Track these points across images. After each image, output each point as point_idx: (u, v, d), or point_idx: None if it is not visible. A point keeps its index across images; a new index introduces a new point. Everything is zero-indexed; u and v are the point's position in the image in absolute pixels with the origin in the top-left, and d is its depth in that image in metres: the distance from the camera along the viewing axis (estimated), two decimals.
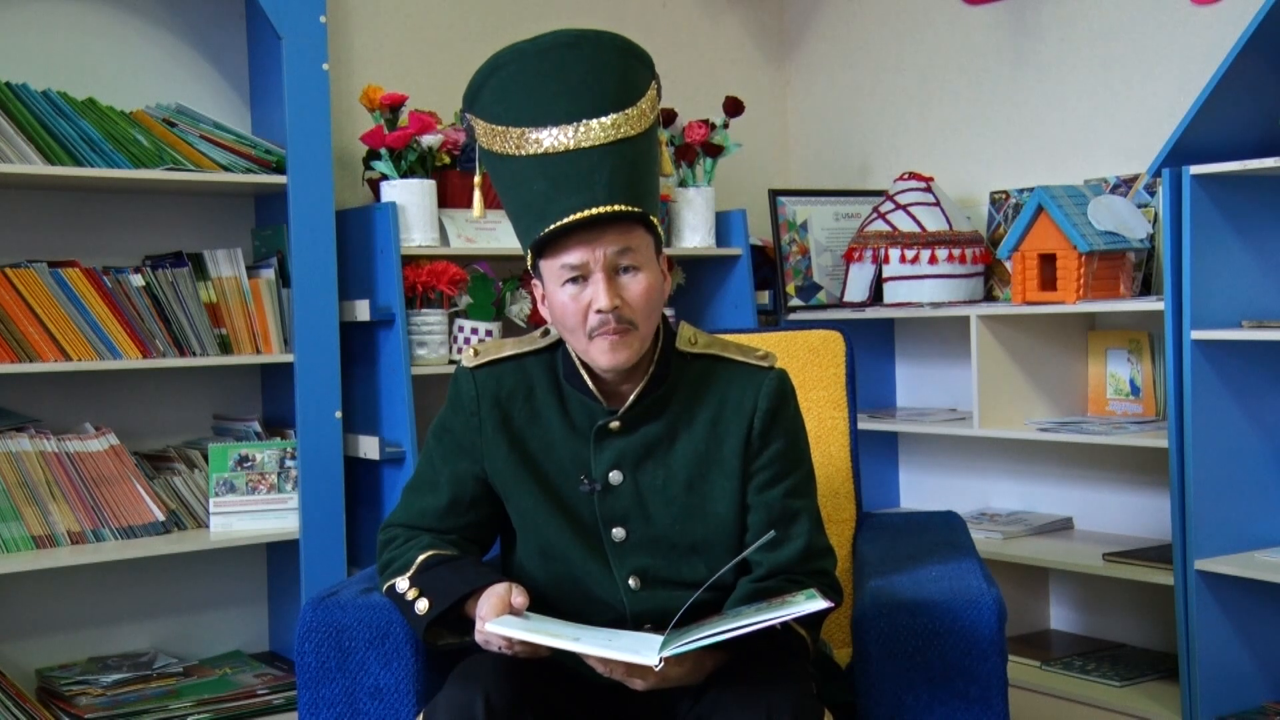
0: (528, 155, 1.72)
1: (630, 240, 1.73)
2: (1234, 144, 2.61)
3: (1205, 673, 2.61)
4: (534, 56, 1.73)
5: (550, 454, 1.84)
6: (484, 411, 1.85)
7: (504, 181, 1.80)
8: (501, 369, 1.87)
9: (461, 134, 3.12)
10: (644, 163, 1.77)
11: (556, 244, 1.73)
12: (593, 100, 1.71)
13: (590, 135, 1.71)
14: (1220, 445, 2.64)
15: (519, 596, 1.70)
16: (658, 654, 1.56)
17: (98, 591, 2.95)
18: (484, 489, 1.87)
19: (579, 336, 1.76)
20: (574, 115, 1.70)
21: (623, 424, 1.82)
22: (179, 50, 3.06)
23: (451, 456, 1.87)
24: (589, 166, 1.70)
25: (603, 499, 1.82)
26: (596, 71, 1.73)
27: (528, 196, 1.74)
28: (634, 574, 1.81)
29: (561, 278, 1.74)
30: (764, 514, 1.82)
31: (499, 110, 1.75)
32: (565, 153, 1.71)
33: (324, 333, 2.93)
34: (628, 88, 1.75)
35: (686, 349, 1.86)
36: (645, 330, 1.77)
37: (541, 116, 1.71)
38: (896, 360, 3.76)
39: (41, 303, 2.70)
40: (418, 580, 1.78)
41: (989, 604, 1.81)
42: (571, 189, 1.70)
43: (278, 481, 2.92)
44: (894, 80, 3.75)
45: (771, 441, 1.83)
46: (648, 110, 1.77)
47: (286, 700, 2.84)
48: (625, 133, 1.72)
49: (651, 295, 1.75)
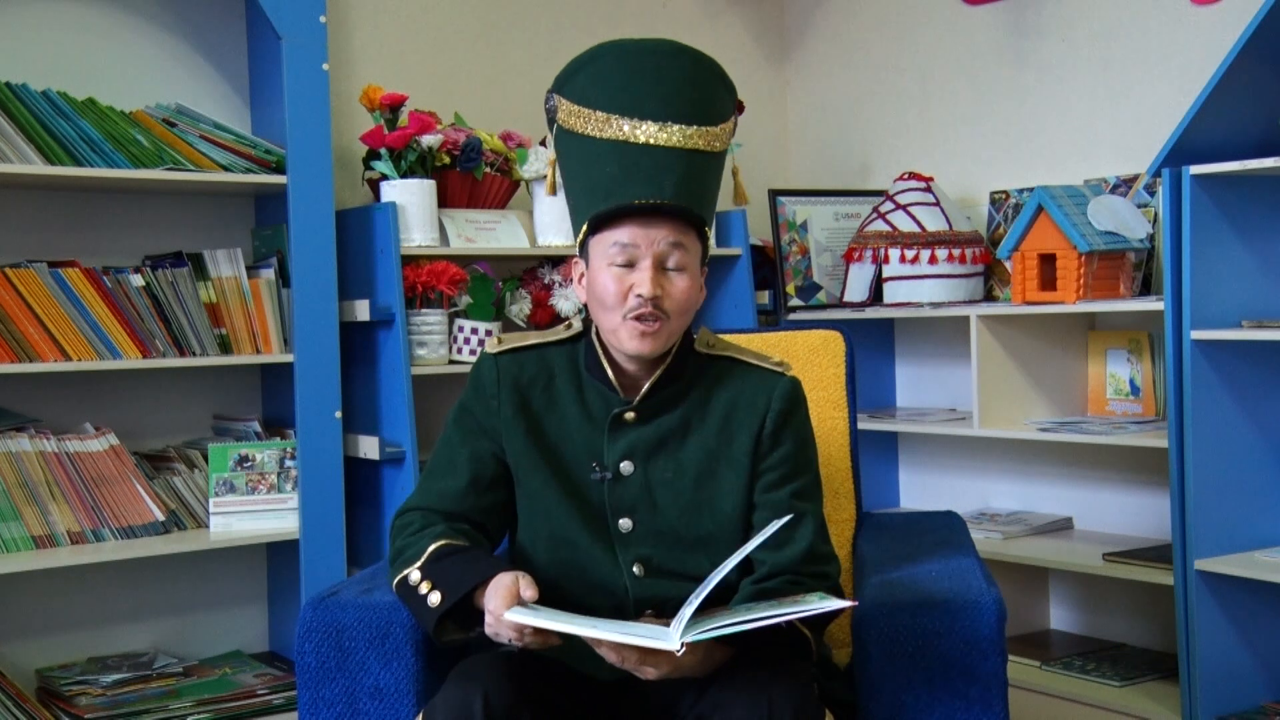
0: (607, 139, 1.81)
1: (684, 239, 1.81)
2: (1234, 144, 2.61)
3: (1205, 673, 2.61)
4: (636, 54, 1.83)
5: (565, 440, 1.87)
6: (503, 395, 1.89)
7: (575, 160, 1.87)
8: (523, 356, 1.92)
9: (461, 134, 3.12)
10: (710, 180, 1.88)
11: (614, 222, 1.80)
12: (682, 107, 1.81)
13: (672, 137, 1.80)
14: (1220, 445, 2.64)
15: (528, 590, 1.70)
16: (679, 640, 1.57)
17: (98, 591, 2.95)
18: (503, 470, 1.89)
19: (613, 316, 1.80)
20: (662, 115, 1.80)
21: (638, 415, 1.86)
22: (179, 50, 3.06)
23: (471, 437, 1.90)
24: (662, 164, 1.80)
25: (613, 488, 1.85)
26: (691, 84, 1.83)
27: (597, 176, 1.82)
28: (638, 561, 1.83)
29: (611, 258, 1.80)
30: (769, 514, 1.83)
31: (592, 94, 1.83)
32: (645, 145, 1.80)
33: (324, 333, 2.93)
34: (714, 108, 1.85)
35: (704, 350, 1.92)
36: (675, 327, 1.83)
37: (632, 108, 1.80)
38: (896, 360, 3.76)
39: (41, 303, 2.70)
40: (429, 571, 1.78)
41: (989, 604, 1.81)
42: (642, 178, 1.79)
43: (278, 481, 2.92)
44: (894, 80, 3.75)
45: (781, 443, 1.87)
46: (725, 135, 1.87)
47: (286, 700, 2.84)
48: (702, 145, 1.83)
49: (690, 296, 1.83)
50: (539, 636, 1.68)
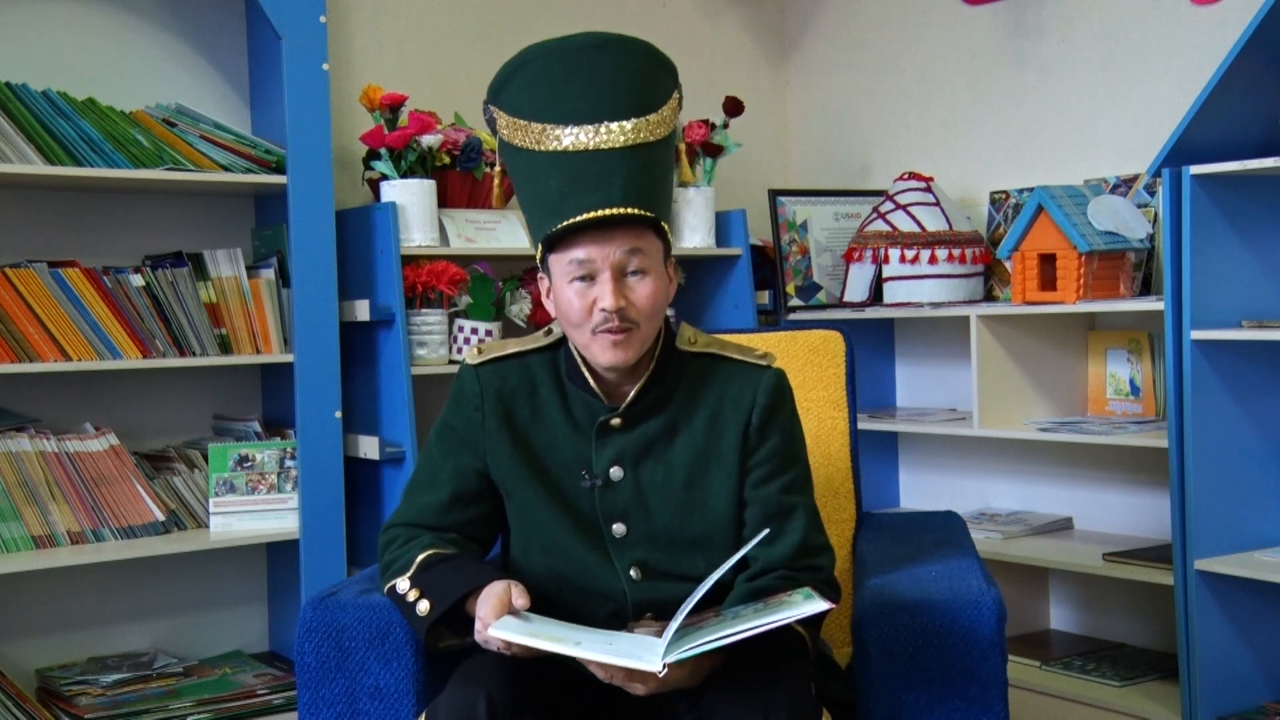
0: (547, 151, 1.75)
1: (640, 243, 1.76)
2: (1234, 144, 2.61)
3: (1205, 673, 2.61)
4: (561, 55, 1.77)
5: (552, 450, 1.86)
6: (487, 407, 1.87)
7: (521, 175, 1.82)
8: (505, 366, 1.89)
9: (461, 134, 3.12)
10: (660, 169, 1.80)
11: (568, 240, 1.75)
12: (615, 103, 1.75)
13: (610, 138, 1.74)
14: (1220, 445, 2.64)
15: (520, 597, 1.70)
16: (661, 660, 1.55)
17: (98, 591, 2.95)
18: (486, 484, 1.88)
19: (582, 332, 1.78)
20: (596, 116, 1.74)
21: (624, 420, 1.84)
22: (179, 50, 3.06)
23: (453, 452, 1.89)
24: (606, 168, 1.73)
25: (604, 494, 1.84)
26: (622, 75, 1.76)
27: (543, 191, 1.77)
28: (635, 565, 1.83)
29: (570, 274, 1.76)
30: (760, 509, 1.83)
31: (523, 105, 1.78)
32: (584, 152, 1.74)
33: (324, 333, 2.93)
34: (651, 94, 1.78)
35: (686, 348, 1.89)
36: (647, 332, 1.79)
37: (564, 115, 1.74)
38: (896, 360, 3.76)
39: (41, 303, 2.70)
40: (418, 580, 1.78)
41: (989, 604, 1.81)
42: (587, 188, 1.73)
43: (278, 481, 2.92)
44: (894, 80, 3.75)
45: (769, 437, 1.85)
46: (669, 117, 1.81)
47: (286, 700, 2.84)
48: (644, 138, 1.76)
49: (656, 299, 1.78)
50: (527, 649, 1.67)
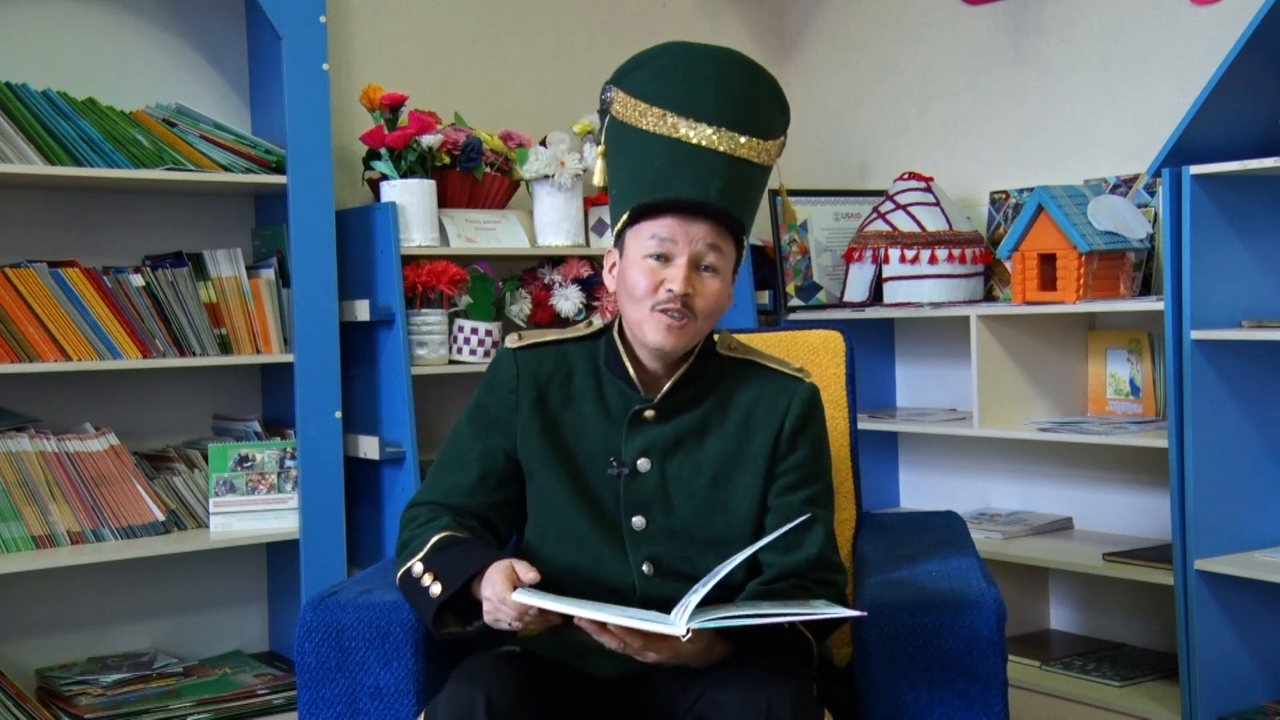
0: (660, 134, 1.82)
1: (721, 242, 1.82)
2: (1234, 144, 2.61)
3: (1205, 673, 2.61)
4: (700, 57, 1.86)
5: (581, 437, 1.87)
6: (521, 390, 1.89)
7: (625, 153, 1.88)
8: (543, 352, 1.92)
9: (461, 134, 3.12)
10: (753, 190, 1.90)
11: (655, 214, 1.80)
12: (738, 115, 1.83)
13: (724, 142, 1.82)
14: (1220, 445, 2.64)
15: (527, 571, 1.70)
16: (685, 625, 1.57)
17: (98, 591, 2.95)
18: (513, 468, 1.89)
19: (641, 307, 1.81)
20: (717, 119, 1.82)
21: (658, 412, 1.86)
22: (179, 50, 3.06)
23: (484, 433, 1.90)
24: (711, 167, 1.82)
25: (629, 484, 1.85)
26: (747, 95, 1.86)
27: (645, 168, 1.83)
28: (648, 560, 1.83)
29: (647, 249, 1.80)
30: (782, 517, 1.84)
31: (651, 89, 1.85)
32: (696, 147, 1.82)
33: (324, 333, 2.93)
34: (768, 124, 1.88)
35: (725, 353, 1.92)
36: (701, 327, 1.83)
37: (688, 109, 1.82)
38: (896, 360, 3.76)
39: (41, 303, 2.70)
40: (431, 562, 1.78)
41: (989, 604, 1.81)
42: (689, 176, 1.81)
43: (278, 481, 2.92)
44: (894, 80, 3.75)
45: (799, 447, 1.88)
46: (774, 151, 1.90)
47: (286, 700, 2.84)
48: (751, 156, 1.85)
49: (719, 300, 1.83)
50: (541, 620, 1.67)
